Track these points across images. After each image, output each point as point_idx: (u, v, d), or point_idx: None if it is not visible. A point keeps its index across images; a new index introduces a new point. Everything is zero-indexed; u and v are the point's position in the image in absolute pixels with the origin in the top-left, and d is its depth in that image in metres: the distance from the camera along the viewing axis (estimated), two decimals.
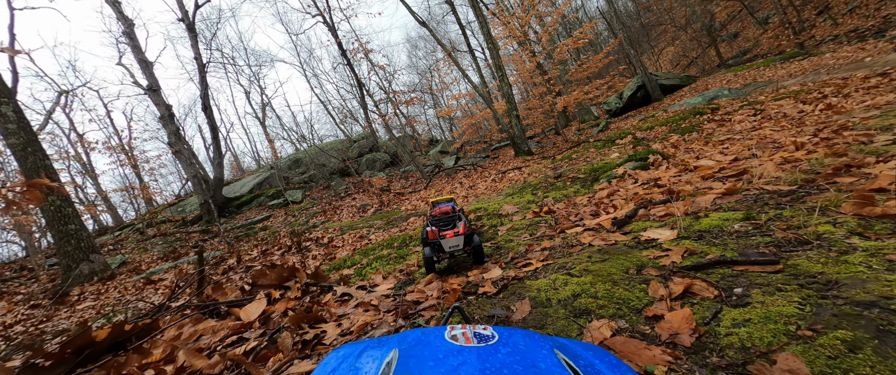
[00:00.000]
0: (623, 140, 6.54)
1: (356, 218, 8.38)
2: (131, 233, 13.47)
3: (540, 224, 2.96)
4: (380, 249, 3.40)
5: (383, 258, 2.98)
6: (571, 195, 3.66)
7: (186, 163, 13.49)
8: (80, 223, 8.35)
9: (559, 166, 6.25)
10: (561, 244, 2.14)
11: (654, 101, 15.66)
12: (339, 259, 3.63)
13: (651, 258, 1.48)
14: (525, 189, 4.71)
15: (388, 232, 5.78)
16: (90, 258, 8.27)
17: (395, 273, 2.45)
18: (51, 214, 8.11)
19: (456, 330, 0.47)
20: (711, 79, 15.20)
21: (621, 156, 5.25)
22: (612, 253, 1.66)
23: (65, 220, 8.14)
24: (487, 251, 2.54)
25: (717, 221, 1.66)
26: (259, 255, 5.65)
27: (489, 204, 4.32)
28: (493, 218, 3.57)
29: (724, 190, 2.05)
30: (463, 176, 10.86)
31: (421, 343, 0.44)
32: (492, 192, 6.20)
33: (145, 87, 13.49)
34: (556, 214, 3.10)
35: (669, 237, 1.64)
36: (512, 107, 11.66)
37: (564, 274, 1.53)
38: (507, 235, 2.87)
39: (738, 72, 14.59)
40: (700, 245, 1.49)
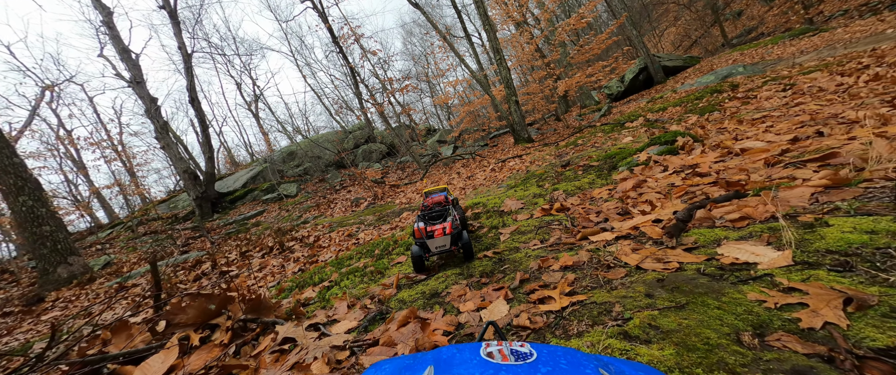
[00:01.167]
0: (633, 123, 5.84)
1: (348, 213, 7.74)
2: (122, 231, 12.88)
3: (552, 225, 2.31)
4: (358, 258, 2.76)
5: (358, 272, 2.34)
6: (586, 187, 3.00)
7: (175, 157, 12.78)
8: (56, 223, 7.71)
9: (564, 153, 5.57)
10: (589, 261, 1.49)
11: (656, 84, 14.83)
12: (309, 271, 2.99)
13: (770, 306, 0.84)
14: (529, 180, 4.05)
15: (378, 230, 5.14)
16: (68, 260, 7.65)
17: (365, 299, 1.81)
18: (22, 215, 7.45)
19: (492, 347, 0.44)
20: (716, 59, 14.33)
21: (636, 139, 4.57)
22: (684, 287, 1.02)
23: (38, 222, 7.49)
24: (488, 265, 1.90)
25: (856, 235, 1.01)
26: (238, 257, 5.06)
27: (488, 199, 3.66)
28: (494, 216, 2.92)
29: (827, 182, 1.40)
30: (461, 165, 10.18)
31: (456, 360, 0.42)
32: (491, 183, 5.54)
33: (128, 80, 12.66)
34: (571, 212, 2.45)
35: (778, 261, 1.00)
36: (511, 93, 10.88)
37: (617, 335, 0.89)
38: (511, 241, 2.23)
39: (744, 51, 13.73)
40: (853, 282, 0.84)
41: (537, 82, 11.53)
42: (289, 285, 2.45)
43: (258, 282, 3.84)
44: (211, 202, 13.13)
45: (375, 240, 3.53)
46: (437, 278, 1.88)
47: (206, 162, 13.26)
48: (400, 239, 2.92)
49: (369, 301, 1.74)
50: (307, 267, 4.09)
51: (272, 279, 3.88)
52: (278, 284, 3.34)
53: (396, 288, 1.89)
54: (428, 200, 2.21)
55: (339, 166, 14.74)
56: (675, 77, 14.88)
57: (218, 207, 13.35)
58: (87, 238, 12.89)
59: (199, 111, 13.21)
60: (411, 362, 0.46)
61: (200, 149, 13.67)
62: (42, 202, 7.64)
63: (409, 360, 0.48)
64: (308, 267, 3.83)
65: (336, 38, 11.95)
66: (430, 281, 1.86)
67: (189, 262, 5.28)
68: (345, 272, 2.40)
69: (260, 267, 4.57)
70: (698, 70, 13.92)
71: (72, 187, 17.42)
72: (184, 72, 13.11)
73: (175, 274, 4.94)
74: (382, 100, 11.66)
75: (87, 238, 12.89)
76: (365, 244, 3.60)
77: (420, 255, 1.91)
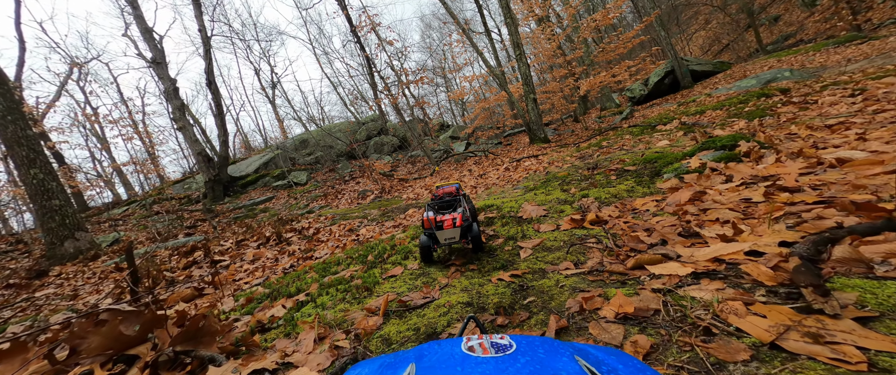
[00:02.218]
0: (666, 125, 5.19)
1: (353, 206, 7.33)
2: (137, 209, 12.88)
3: (587, 242, 1.78)
4: (348, 263, 2.28)
5: (343, 284, 1.87)
6: (624, 195, 2.45)
7: (191, 139, 12.66)
8: (65, 198, 7.56)
9: (588, 154, 4.98)
10: (664, 313, 0.98)
11: (682, 89, 13.88)
12: (291, 274, 2.54)
13: None
14: (550, 182, 3.50)
15: (380, 226, 4.69)
16: (75, 235, 7.49)
17: (340, 331, 1.33)
18: (33, 188, 7.31)
19: (473, 341, 0.44)
20: (750, 65, 13.29)
21: (673, 142, 3.96)
22: None
23: (48, 195, 7.34)
24: (505, 294, 1.40)
25: None
26: (232, 246, 4.70)
27: (503, 201, 3.14)
28: (511, 223, 2.41)
29: None
30: (473, 162, 9.65)
31: (437, 356, 0.42)
32: (505, 184, 5.01)
33: (149, 60, 12.56)
34: (610, 227, 1.92)
35: None
36: (529, 90, 10.25)
37: None
38: (534, 260, 1.72)
39: (781, 58, 12.66)
40: None
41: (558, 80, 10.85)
42: (261, 294, 2.00)
43: (244, 278, 3.45)
44: (223, 185, 12.99)
45: (374, 241, 3.06)
46: (436, 307, 1.39)
47: (221, 145, 13.11)
48: (399, 244, 2.43)
49: (344, 336, 1.26)
50: (301, 263, 3.68)
51: (261, 274, 3.48)
52: (263, 282, 2.93)
53: (383, 315, 1.41)
54: (438, 191, 2.14)
55: (350, 157, 14.40)
56: (704, 82, 13.89)
57: (230, 191, 13.21)
58: (104, 213, 12.96)
59: (216, 94, 13.04)
60: (393, 360, 0.46)
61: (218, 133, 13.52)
62: (53, 176, 7.49)
63: (391, 358, 0.47)
64: (300, 265, 3.41)
65: (353, 26, 11.52)
66: (428, 312, 1.37)
67: (186, 247, 4.96)
68: (327, 282, 1.93)
69: (253, 258, 4.19)
70: (730, 76, 12.93)
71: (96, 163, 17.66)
72: (203, 55, 12.94)
73: (168, 260, 4.61)
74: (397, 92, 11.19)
75: (104, 213, 12.96)
76: (360, 245, 3.14)
77: (428, 246, 1.84)
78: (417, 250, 2.23)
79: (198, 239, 5.91)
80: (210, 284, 3.36)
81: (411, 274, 1.85)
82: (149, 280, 3.79)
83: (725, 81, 12.49)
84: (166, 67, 12.72)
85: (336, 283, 1.89)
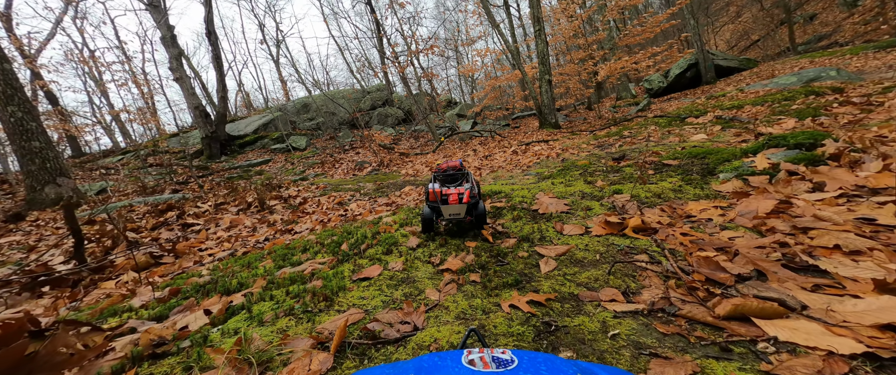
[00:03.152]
0: (698, 118, 4.56)
1: (348, 176, 6.80)
2: (132, 159, 12.35)
3: (634, 257, 1.26)
4: (315, 252, 1.77)
5: (298, 285, 1.36)
6: (670, 196, 1.90)
7: (188, 92, 11.91)
8: (46, 140, 6.99)
9: (606, 144, 4.39)
10: None
11: (705, 84, 12.96)
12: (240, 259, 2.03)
13: None
14: (569, 170, 2.94)
15: (372, 202, 4.19)
16: (57, 181, 6.99)
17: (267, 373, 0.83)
18: (11, 126, 6.73)
19: (473, 355, 0.42)
20: (779, 64, 12.30)
21: (714, 137, 3.36)
22: None
23: (27, 136, 6.77)
24: (525, 334, 0.90)
25: None
26: (210, 209, 4.22)
27: (513, 188, 2.60)
28: (524, 218, 1.88)
29: None
30: (478, 142, 9.02)
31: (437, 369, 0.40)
32: (513, 168, 4.46)
33: (146, 2, 11.56)
34: (663, 238, 1.39)
35: None
36: (545, 70, 9.42)
37: None
38: (560, 278, 1.21)
39: (814, 59, 11.69)
40: None
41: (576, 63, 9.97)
42: (193, 284, 1.50)
43: (211, 248, 2.98)
44: (220, 143, 12.39)
45: (357, 223, 2.55)
46: (416, 347, 0.88)
47: (219, 101, 12.37)
48: (384, 231, 1.92)
49: None
50: (278, 237, 3.19)
51: (229, 246, 3.00)
52: (223, 258, 2.44)
53: (336, 350, 0.91)
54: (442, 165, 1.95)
55: (352, 126, 13.69)
56: (728, 79, 12.94)
57: (227, 149, 12.62)
58: (97, 161, 12.44)
59: (215, 46, 12.13)
60: (391, 372, 0.44)
61: None
62: (32, 115, 6.87)
63: (389, 370, 0.45)
64: (273, 241, 2.92)
65: None
66: (404, 354, 0.87)
67: (161, 205, 4.48)
68: (280, 279, 1.42)
69: (229, 225, 3.71)
70: (757, 74, 12.00)
71: (93, 107, 16.93)
72: (203, 1, 11.89)
73: (140, 218, 4.13)
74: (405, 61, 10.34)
75: (97, 161, 12.44)
76: (339, 227, 2.63)
77: (431, 218, 1.73)
78: (404, 240, 1.73)
79: (177, 197, 5.41)
80: (170, 252, 2.90)
81: (391, 279, 1.34)
82: (109, 239, 3.33)
83: (752, 79, 11.58)
84: (164, 12, 11.74)
85: (290, 281, 1.38)
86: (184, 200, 4.63)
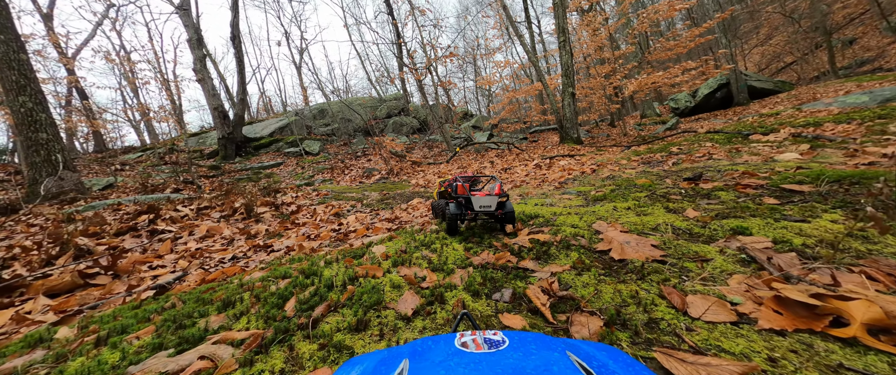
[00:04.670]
0: (768, 135, 3.70)
1: (355, 184, 6.15)
2: (151, 156, 12.17)
3: None
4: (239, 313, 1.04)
5: None
6: (855, 247, 1.09)
7: (209, 93, 11.73)
8: (54, 132, 6.63)
9: (653, 160, 3.57)
10: None
11: (736, 105, 11.91)
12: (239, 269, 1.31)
13: None
14: (626, 190, 2.15)
15: (373, 215, 3.47)
16: (61, 174, 6.59)
17: None
18: (20, 117, 6.40)
19: (466, 337, 0.42)
20: (821, 87, 11.17)
21: (813, 157, 2.51)
22: None
23: (35, 127, 6.43)
24: None
25: None
26: (191, 213, 3.60)
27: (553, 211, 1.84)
28: (589, 263, 1.11)
29: None
30: (495, 154, 8.27)
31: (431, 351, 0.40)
32: (540, 183, 3.68)
33: (176, 5, 11.56)
34: None
35: None
36: (568, 83, 8.68)
37: None
38: None
39: (862, 83, 10.52)
40: None
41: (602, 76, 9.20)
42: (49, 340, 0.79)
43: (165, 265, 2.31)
44: (236, 144, 12.09)
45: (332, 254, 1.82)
46: None
47: (238, 103, 12.15)
48: (365, 274, 1.17)
49: None
50: (252, 253, 2.50)
51: (186, 264, 2.32)
52: (168, 281, 1.76)
53: None
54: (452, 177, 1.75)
55: (366, 133, 13.22)
56: (762, 101, 11.85)
57: (242, 151, 12.31)
58: (116, 157, 12.33)
59: (239, 50, 12.00)
60: (386, 356, 0.44)
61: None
62: (43, 106, 6.55)
63: (385, 354, 0.45)
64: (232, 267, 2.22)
65: None
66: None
67: (141, 206, 3.90)
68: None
69: (204, 235, 3.05)
70: (795, 97, 10.90)
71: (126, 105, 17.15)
72: (230, 6, 11.84)
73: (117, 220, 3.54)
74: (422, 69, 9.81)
75: (116, 157, 12.33)
76: (299, 265, 1.91)
77: (456, 216, 1.57)
78: (395, 297, 0.99)
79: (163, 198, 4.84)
80: (108, 269, 2.24)
81: None
82: (57, 246, 2.72)
83: (791, 101, 10.50)
84: (192, 16, 11.72)
85: None
86: (168, 201, 4.04)
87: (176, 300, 1.12)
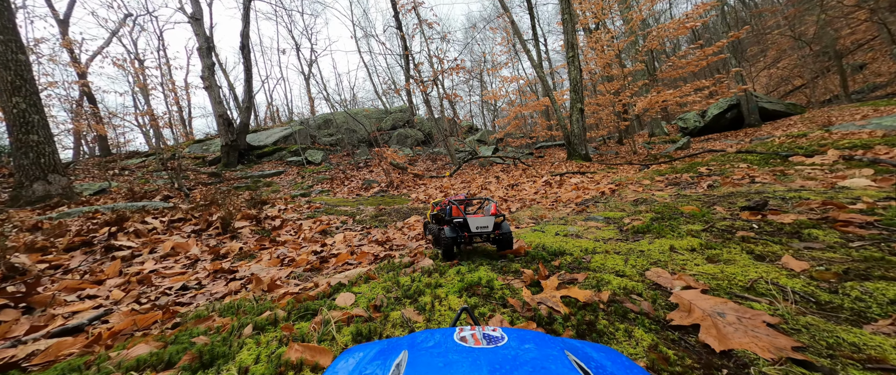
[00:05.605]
0: (812, 157, 3.22)
1: (352, 196, 5.71)
2: (153, 162, 11.91)
3: None
4: None
5: None
6: None
7: (216, 100, 11.57)
8: (46, 135, 6.30)
9: (681, 181, 3.10)
10: None
11: (747, 126, 11.46)
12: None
13: None
14: (671, 222, 1.67)
15: (365, 233, 3.01)
16: (48, 178, 6.21)
17: None
18: (12, 118, 6.10)
19: (465, 332, 0.41)
20: (835, 111, 10.71)
21: (881, 186, 2.03)
22: None
23: (26, 128, 6.11)
24: None
25: None
26: (162, 227, 3.17)
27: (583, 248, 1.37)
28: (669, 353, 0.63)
29: None
30: (500, 169, 7.83)
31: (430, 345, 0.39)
32: (553, 203, 3.21)
33: (189, 15, 11.57)
34: None
35: None
36: (577, 98, 8.32)
37: None
38: None
39: (879, 108, 10.04)
40: None
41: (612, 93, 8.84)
42: None
43: (97, 296, 1.85)
44: (239, 152, 11.81)
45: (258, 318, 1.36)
46: None
47: (244, 111, 11.96)
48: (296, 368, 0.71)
49: None
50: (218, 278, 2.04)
51: (120, 295, 1.86)
52: (91, 319, 1.30)
53: None
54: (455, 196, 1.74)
55: (371, 144, 12.92)
56: (775, 123, 11.39)
57: (245, 159, 12.02)
58: (123, 161, 12.09)
59: (247, 59, 11.91)
60: (386, 346, 0.43)
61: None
62: (37, 108, 6.26)
63: (384, 344, 0.44)
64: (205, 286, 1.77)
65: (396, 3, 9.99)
66: None
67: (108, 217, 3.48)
68: None
69: (166, 253, 2.60)
70: (809, 119, 10.45)
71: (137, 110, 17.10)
72: (241, 17, 11.84)
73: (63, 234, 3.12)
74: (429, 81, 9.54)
75: (123, 161, 12.09)
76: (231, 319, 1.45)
77: (454, 239, 1.46)
78: None
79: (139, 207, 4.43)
80: (23, 298, 1.77)
81: None
82: None
83: (805, 124, 10.04)
84: (204, 25, 11.71)
85: None
86: (142, 211, 3.61)
87: None
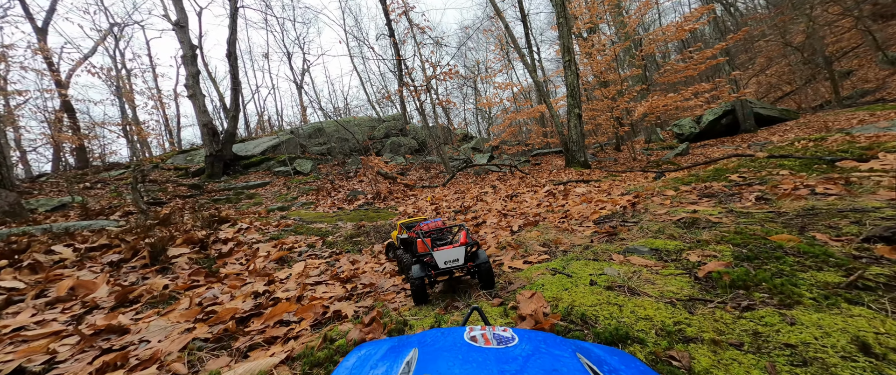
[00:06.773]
0: (868, 162, 2.66)
1: (332, 210, 5.03)
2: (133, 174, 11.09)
3: None
4: None
5: None
6: None
7: (200, 110, 10.87)
8: None
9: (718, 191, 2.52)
10: None
11: (743, 132, 11.11)
12: None
13: None
14: (770, 259, 1.06)
15: (334, 262, 2.34)
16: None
17: None
18: None
19: (475, 331, 0.40)
20: (830, 116, 10.41)
21: None
22: None
23: None
24: None
25: None
26: (74, 257, 2.47)
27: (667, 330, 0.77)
28: None
29: None
30: (496, 178, 7.22)
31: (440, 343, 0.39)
32: (562, 220, 2.59)
33: (173, 22, 10.96)
34: None
35: None
36: (574, 103, 7.82)
37: None
38: None
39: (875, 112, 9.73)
40: None
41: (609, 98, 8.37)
42: None
43: None
44: (224, 163, 11.06)
45: None
46: None
47: (230, 120, 11.28)
48: None
49: None
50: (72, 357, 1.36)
51: None
52: None
53: None
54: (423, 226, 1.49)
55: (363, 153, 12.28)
56: (771, 128, 11.05)
57: (230, 169, 11.26)
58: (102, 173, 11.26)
59: (234, 67, 11.29)
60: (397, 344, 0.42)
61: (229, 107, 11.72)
62: None
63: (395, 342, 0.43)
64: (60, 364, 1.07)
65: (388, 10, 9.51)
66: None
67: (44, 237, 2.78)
68: None
69: (61, 296, 1.90)
70: (805, 124, 10.14)
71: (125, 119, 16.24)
72: (228, 24, 11.27)
73: None
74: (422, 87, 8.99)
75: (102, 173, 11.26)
76: None
77: (422, 279, 1.24)
78: None
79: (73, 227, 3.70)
80: None
81: None
82: None
83: (802, 129, 9.69)
84: (189, 33, 11.09)
85: None
86: (50, 237, 2.90)
87: None
